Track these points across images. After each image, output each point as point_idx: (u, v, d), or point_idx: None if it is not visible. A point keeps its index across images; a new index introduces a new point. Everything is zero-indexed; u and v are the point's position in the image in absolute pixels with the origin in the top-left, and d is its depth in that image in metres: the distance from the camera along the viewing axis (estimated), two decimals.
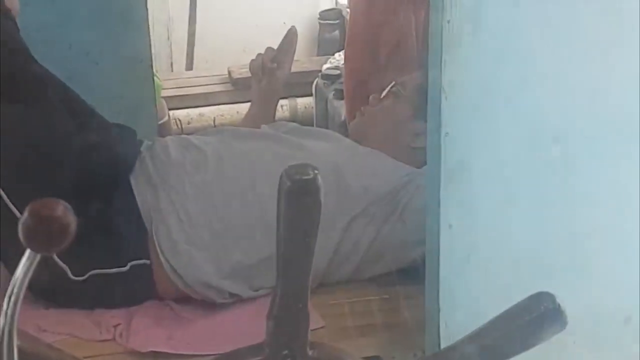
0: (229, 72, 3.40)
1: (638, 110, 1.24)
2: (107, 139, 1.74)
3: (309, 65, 3.33)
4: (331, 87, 2.85)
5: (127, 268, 1.62)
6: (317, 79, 2.96)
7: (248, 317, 1.62)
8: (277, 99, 2.23)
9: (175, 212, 1.66)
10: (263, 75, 2.15)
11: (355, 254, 1.71)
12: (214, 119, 3.26)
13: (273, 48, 2.17)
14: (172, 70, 3.87)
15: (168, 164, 1.73)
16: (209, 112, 3.29)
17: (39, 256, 0.59)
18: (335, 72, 2.91)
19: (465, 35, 1.19)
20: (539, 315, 0.68)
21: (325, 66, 3.04)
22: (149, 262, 1.64)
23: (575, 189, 1.28)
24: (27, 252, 0.59)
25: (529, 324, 0.68)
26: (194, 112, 3.27)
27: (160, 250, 1.63)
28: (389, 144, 1.86)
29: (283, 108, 3.17)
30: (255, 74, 2.17)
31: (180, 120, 3.20)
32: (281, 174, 0.63)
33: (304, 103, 3.25)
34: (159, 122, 2.63)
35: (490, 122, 1.26)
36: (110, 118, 1.84)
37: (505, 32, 1.21)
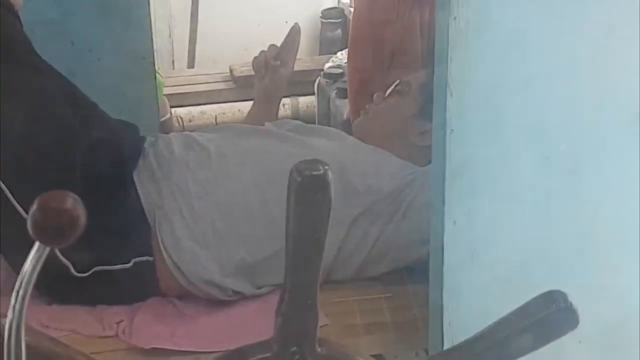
0: (231, 70, 3.39)
1: None
2: (111, 135, 1.73)
3: (311, 64, 3.32)
4: (333, 86, 2.84)
5: (131, 265, 1.62)
6: (319, 78, 2.96)
7: (251, 315, 1.62)
8: (280, 97, 2.22)
9: (178, 209, 1.66)
10: (266, 73, 2.14)
11: (359, 252, 1.71)
12: (216, 117, 3.25)
13: (276, 45, 2.16)
14: (174, 68, 3.87)
15: (171, 160, 1.73)
16: (211, 110, 3.28)
17: (47, 249, 0.58)
18: (337, 71, 2.90)
19: (471, 32, 1.19)
20: (550, 313, 0.67)
21: (327, 65, 3.03)
22: (152, 259, 1.64)
23: (582, 186, 1.27)
24: (36, 246, 0.58)
25: (540, 322, 0.67)
26: (195, 110, 3.26)
27: (164, 247, 1.63)
28: (393, 142, 1.85)
29: (285, 107, 3.16)
30: (258, 71, 2.16)
31: (181, 118, 3.20)
32: (291, 170, 0.62)
33: (306, 102, 3.24)
34: (161, 120, 2.63)
35: (496, 120, 1.25)
36: (112, 115, 1.83)
37: (511, 29, 1.20)
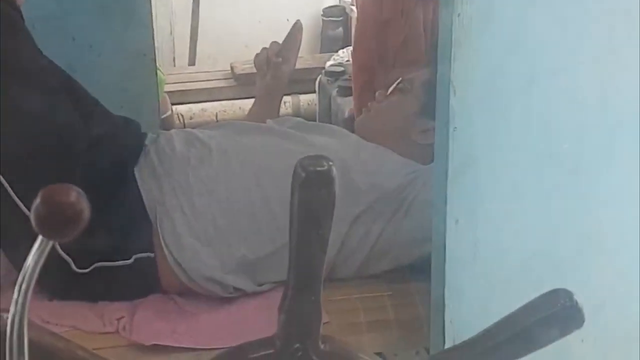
0: (232, 68, 3.39)
1: None
2: (112, 131, 1.73)
3: (312, 62, 3.33)
4: (335, 84, 2.84)
5: (132, 261, 1.62)
6: (321, 76, 2.96)
7: (252, 312, 1.62)
8: (282, 94, 2.22)
9: (179, 206, 1.65)
10: (268, 70, 2.13)
11: (361, 250, 1.70)
12: (216, 115, 3.26)
13: (278, 42, 2.15)
14: (175, 65, 3.87)
15: (173, 157, 1.73)
16: (211, 108, 3.28)
17: (51, 243, 0.58)
18: (338, 69, 2.90)
19: (475, 29, 1.18)
20: (556, 312, 0.66)
21: (328, 63, 3.03)
22: (153, 256, 1.63)
23: (584, 185, 1.27)
24: (39, 239, 0.58)
25: (545, 321, 0.67)
26: (196, 108, 3.27)
27: (165, 243, 1.63)
28: (395, 140, 1.84)
29: (286, 105, 3.16)
30: (259, 68, 2.15)
31: (182, 115, 3.20)
32: (295, 166, 0.62)
33: (307, 100, 3.25)
34: (162, 117, 2.63)
35: (499, 118, 1.24)
36: (113, 111, 1.84)
37: (515, 27, 1.20)
